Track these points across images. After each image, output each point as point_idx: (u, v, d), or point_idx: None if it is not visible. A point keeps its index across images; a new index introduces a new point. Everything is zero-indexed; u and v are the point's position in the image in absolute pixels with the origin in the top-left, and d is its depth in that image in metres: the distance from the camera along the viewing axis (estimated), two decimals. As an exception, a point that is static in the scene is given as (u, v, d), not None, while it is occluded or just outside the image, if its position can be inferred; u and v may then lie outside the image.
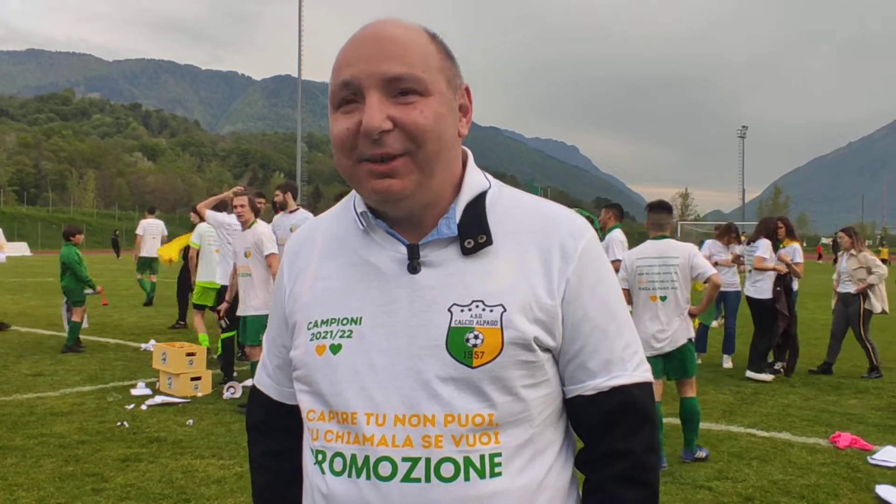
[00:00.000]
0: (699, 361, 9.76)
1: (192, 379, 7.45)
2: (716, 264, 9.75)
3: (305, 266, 1.25)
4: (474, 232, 1.14)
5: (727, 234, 10.15)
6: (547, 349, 1.14)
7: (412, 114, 1.07)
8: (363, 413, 1.11)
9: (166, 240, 14.80)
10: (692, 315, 5.62)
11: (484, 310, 1.10)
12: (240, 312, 6.99)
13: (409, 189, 1.09)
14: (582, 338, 1.16)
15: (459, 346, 1.09)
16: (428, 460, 1.07)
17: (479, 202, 1.17)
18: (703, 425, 6.49)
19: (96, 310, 14.31)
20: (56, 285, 20.18)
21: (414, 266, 1.14)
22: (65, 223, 11.66)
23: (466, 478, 1.08)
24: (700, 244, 12.72)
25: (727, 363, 9.63)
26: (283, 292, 1.29)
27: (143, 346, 10.19)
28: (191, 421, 6.36)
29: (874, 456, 5.60)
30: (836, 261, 10.32)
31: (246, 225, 6.98)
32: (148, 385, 7.67)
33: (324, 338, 1.17)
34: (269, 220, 8.85)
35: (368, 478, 1.09)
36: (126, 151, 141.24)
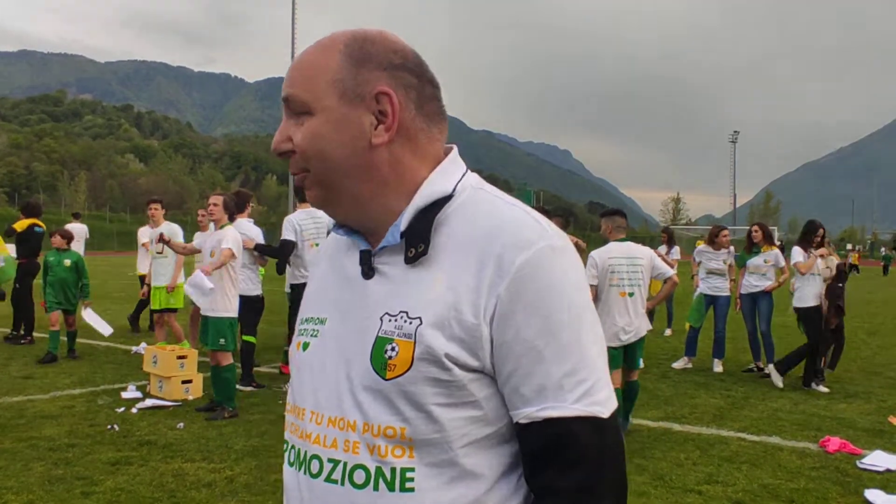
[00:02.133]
0: (690, 365, 9.81)
1: (183, 382, 7.42)
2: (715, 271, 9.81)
3: (315, 271, 1.33)
4: (416, 241, 1.11)
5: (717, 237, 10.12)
6: (472, 370, 1.07)
7: (297, 135, 1.13)
8: (309, 410, 1.16)
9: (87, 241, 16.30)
10: (647, 308, 6.33)
11: (406, 321, 1.08)
12: (202, 311, 6.84)
13: (318, 201, 1.17)
14: (513, 360, 1.06)
15: (379, 356, 1.09)
16: (345, 464, 1.09)
17: (431, 210, 1.12)
18: (694, 429, 6.53)
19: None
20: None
21: (365, 272, 1.16)
22: (56, 225, 11.29)
23: (375, 487, 1.07)
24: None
25: (717, 367, 9.66)
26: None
27: (134, 348, 10.16)
28: (181, 424, 6.34)
29: (863, 460, 5.63)
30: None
31: (218, 225, 6.91)
32: (138, 388, 7.65)
33: (301, 335, 1.23)
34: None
35: (305, 472, 1.14)
36: (118, 153, 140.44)
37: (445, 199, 1.13)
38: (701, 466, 5.47)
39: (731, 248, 10.17)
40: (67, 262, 9.75)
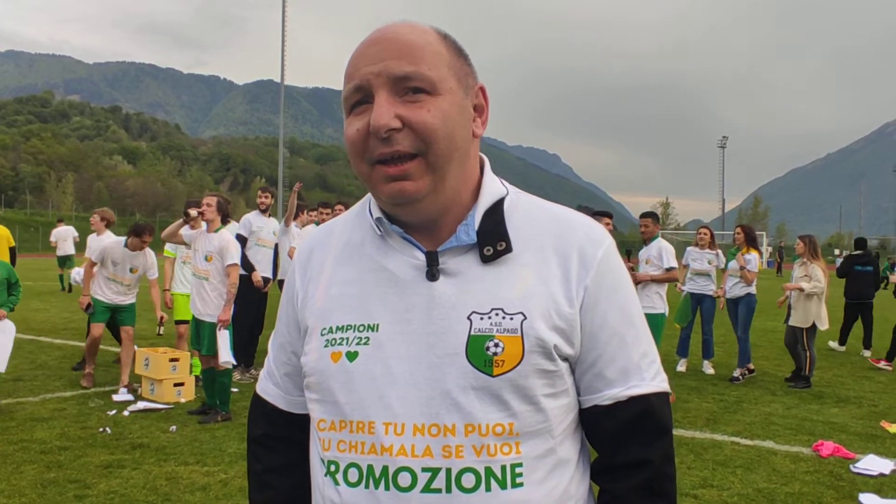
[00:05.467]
0: (683, 369, 9.82)
1: (175, 385, 7.38)
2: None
3: (318, 270, 1.22)
4: (493, 239, 1.12)
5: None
6: (566, 358, 1.13)
7: (420, 113, 1.05)
8: (381, 422, 1.08)
9: (77, 241, 19.56)
10: None
11: (504, 318, 1.09)
12: (196, 314, 6.75)
13: (424, 191, 1.08)
14: (600, 346, 1.14)
15: (479, 354, 1.07)
16: (448, 471, 1.06)
17: (497, 208, 1.15)
18: (687, 433, 6.54)
19: (76, 314, 14.15)
20: (34, 288, 19.97)
21: (433, 273, 1.11)
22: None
23: (488, 488, 1.06)
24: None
25: (708, 369, 9.69)
26: (295, 297, 1.25)
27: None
28: (174, 427, 6.29)
29: (857, 464, 5.65)
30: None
31: (211, 227, 6.77)
32: (130, 391, 7.59)
33: (339, 344, 1.14)
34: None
35: (387, 489, 1.07)
36: (106, 154, 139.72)
37: (503, 199, 1.18)
38: (695, 471, 5.47)
39: (719, 250, 10.14)
40: None
